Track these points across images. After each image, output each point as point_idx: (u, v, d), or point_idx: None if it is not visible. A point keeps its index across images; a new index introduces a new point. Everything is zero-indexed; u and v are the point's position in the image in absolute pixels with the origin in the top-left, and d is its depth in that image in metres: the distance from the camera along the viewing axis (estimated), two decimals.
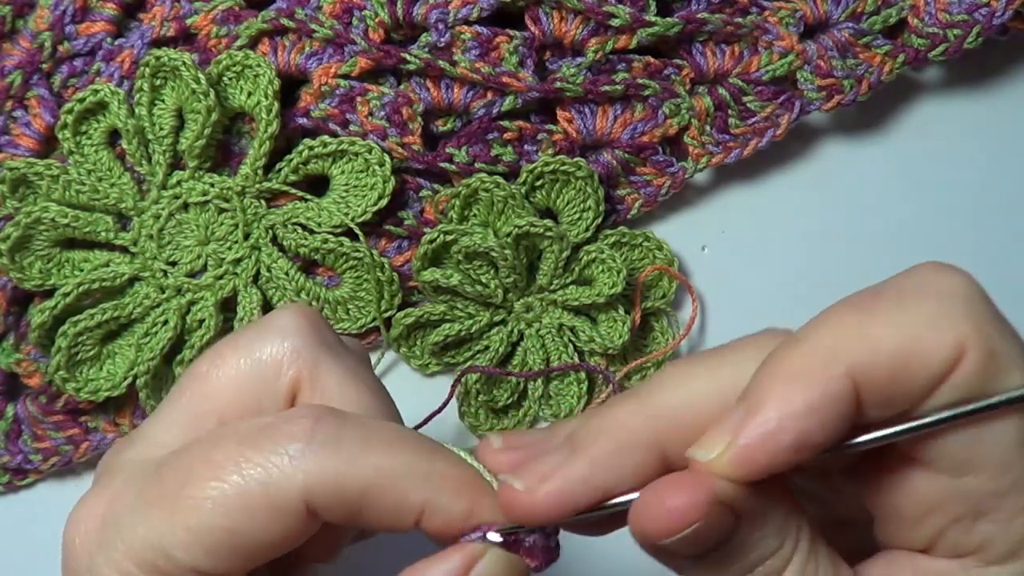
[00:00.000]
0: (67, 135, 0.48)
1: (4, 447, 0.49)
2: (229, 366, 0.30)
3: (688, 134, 0.49)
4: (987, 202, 0.52)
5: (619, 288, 0.47)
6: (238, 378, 0.30)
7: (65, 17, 0.49)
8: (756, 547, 0.27)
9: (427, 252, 0.47)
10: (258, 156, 0.48)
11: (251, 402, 0.30)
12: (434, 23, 0.48)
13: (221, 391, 0.30)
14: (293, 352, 0.30)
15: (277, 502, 0.27)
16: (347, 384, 0.30)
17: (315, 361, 0.30)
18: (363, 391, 0.30)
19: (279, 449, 0.27)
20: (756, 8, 0.49)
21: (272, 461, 0.27)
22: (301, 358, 0.30)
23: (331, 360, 0.30)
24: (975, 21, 0.48)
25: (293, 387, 0.30)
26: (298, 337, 0.30)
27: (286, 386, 0.30)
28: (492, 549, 0.28)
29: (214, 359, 0.30)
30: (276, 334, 0.30)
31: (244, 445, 0.27)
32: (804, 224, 0.52)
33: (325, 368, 0.30)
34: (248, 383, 0.30)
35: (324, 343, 0.31)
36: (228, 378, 0.30)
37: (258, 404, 0.30)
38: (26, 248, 0.48)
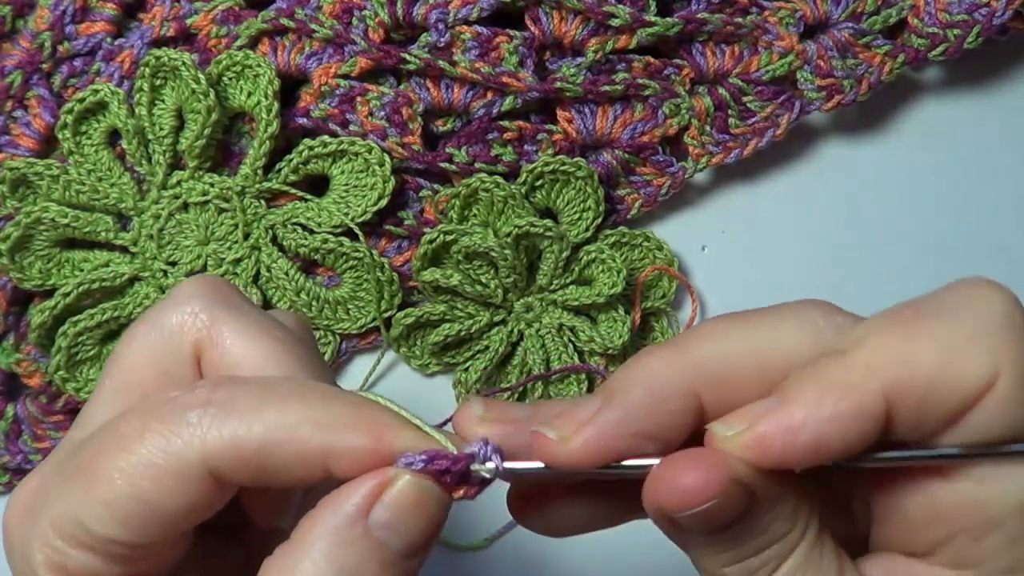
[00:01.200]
0: (67, 135, 0.48)
1: (4, 447, 0.49)
2: (138, 340, 0.31)
3: (688, 134, 0.49)
4: (987, 202, 0.52)
5: (619, 288, 0.47)
6: (149, 349, 0.31)
7: (65, 17, 0.49)
8: (766, 530, 0.27)
9: (427, 252, 0.47)
10: (258, 156, 0.48)
11: (162, 370, 0.31)
12: (434, 23, 0.48)
13: (136, 364, 0.31)
14: (191, 315, 0.31)
15: (180, 469, 0.27)
16: (249, 337, 0.30)
17: (213, 320, 0.31)
18: (267, 342, 0.31)
19: (179, 418, 0.27)
20: (756, 8, 0.49)
21: (172, 430, 0.27)
22: (199, 319, 0.31)
23: (230, 317, 0.31)
24: (975, 21, 0.48)
25: (196, 349, 0.31)
26: (196, 300, 0.31)
27: (189, 348, 0.31)
28: (404, 473, 0.27)
29: (127, 337, 0.31)
30: (175, 302, 0.31)
31: (148, 417, 0.28)
32: (804, 224, 0.52)
33: (224, 325, 0.31)
34: (157, 353, 0.31)
35: (224, 302, 0.31)
36: (139, 351, 0.31)
37: (169, 371, 0.31)
38: (26, 248, 0.48)
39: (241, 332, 0.31)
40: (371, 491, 0.27)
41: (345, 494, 0.27)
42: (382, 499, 0.27)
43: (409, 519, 0.27)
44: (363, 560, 0.27)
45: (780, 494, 0.27)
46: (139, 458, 0.27)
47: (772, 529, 0.27)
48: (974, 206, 0.52)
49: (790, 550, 0.27)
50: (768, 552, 0.27)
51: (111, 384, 0.31)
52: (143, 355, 0.31)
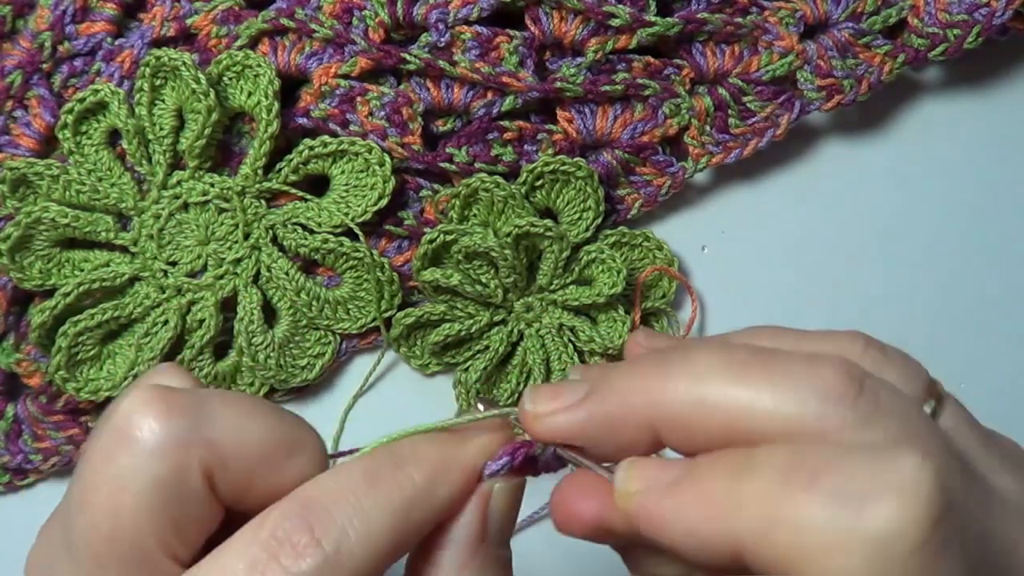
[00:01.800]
0: (67, 135, 0.48)
1: (4, 447, 0.49)
2: (130, 507, 0.26)
3: (688, 134, 0.49)
4: (987, 202, 0.52)
5: (619, 288, 0.47)
6: (152, 513, 0.26)
7: (65, 17, 0.49)
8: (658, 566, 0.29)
9: (427, 252, 0.47)
10: (258, 156, 0.48)
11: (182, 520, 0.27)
12: (434, 23, 0.48)
13: (147, 532, 0.26)
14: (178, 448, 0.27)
15: None
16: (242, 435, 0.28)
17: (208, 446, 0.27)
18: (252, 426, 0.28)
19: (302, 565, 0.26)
20: (756, 8, 0.49)
21: None
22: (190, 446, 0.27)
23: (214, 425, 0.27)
24: (975, 21, 0.48)
25: (205, 478, 0.27)
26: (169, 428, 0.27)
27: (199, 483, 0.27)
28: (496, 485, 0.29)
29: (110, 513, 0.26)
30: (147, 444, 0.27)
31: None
32: (804, 224, 0.52)
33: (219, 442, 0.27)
34: (166, 510, 0.27)
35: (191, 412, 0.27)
36: (139, 517, 0.26)
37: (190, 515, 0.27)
38: (26, 248, 0.48)
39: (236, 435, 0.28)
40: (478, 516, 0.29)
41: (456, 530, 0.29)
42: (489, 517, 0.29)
43: (509, 518, 0.30)
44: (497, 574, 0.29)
45: None
46: None
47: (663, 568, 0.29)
48: (974, 206, 0.52)
49: None
50: None
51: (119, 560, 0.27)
52: (151, 522, 0.26)
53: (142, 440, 0.26)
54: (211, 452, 0.27)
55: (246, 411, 0.28)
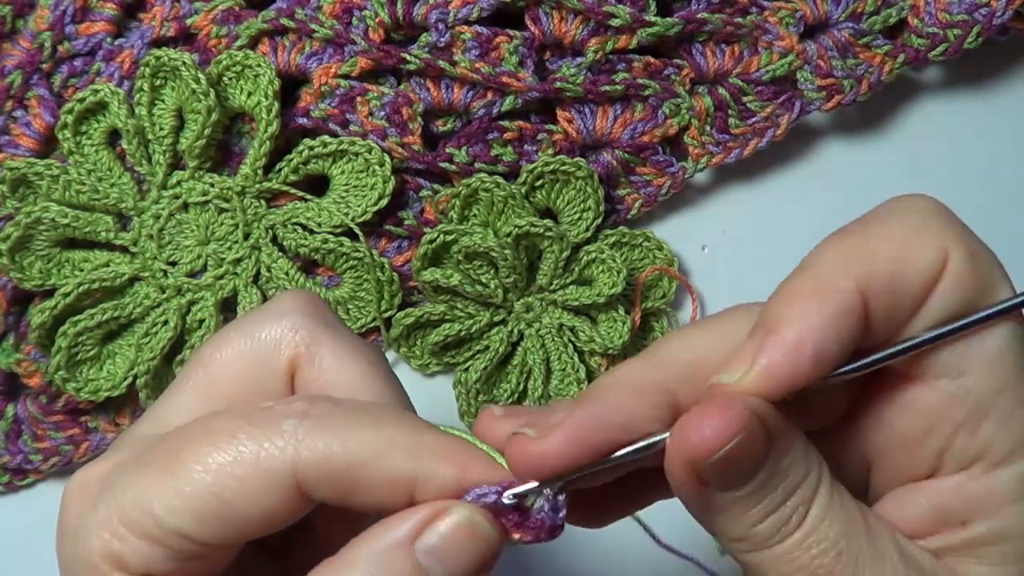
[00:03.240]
0: (67, 135, 0.48)
1: (4, 447, 0.49)
2: (232, 348, 0.31)
3: (688, 134, 0.49)
4: (987, 202, 0.52)
5: (619, 288, 0.47)
6: (241, 359, 0.31)
7: (65, 17, 0.49)
8: (787, 473, 0.28)
9: (427, 252, 0.47)
10: (258, 156, 0.48)
11: (255, 381, 0.31)
12: (434, 23, 0.48)
13: (226, 373, 0.31)
14: (291, 330, 0.31)
15: (268, 474, 0.27)
16: (345, 358, 0.31)
17: (312, 338, 0.31)
18: (361, 365, 0.31)
19: (274, 425, 0.28)
20: (756, 8, 0.49)
21: (266, 435, 0.27)
22: (299, 335, 0.31)
23: (328, 336, 0.31)
24: (975, 21, 0.48)
25: (292, 364, 0.31)
26: (296, 316, 0.31)
27: (285, 363, 0.31)
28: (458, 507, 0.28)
29: (218, 342, 0.31)
30: (275, 315, 0.31)
31: (242, 419, 0.28)
32: (804, 224, 0.52)
33: (323, 344, 0.31)
34: (250, 363, 0.31)
35: (322, 321, 0.31)
36: (231, 359, 0.31)
37: (261, 383, 0.31)
38: (26, 248, 0.48)
39: (338, 352, 0.31)
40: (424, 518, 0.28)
41: (398, 518, 0.28)
42: (433, 526, 0.28)
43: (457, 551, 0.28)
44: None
45: (791, 433, 0.28)
46: (228, 455, 0.27)
47: (792, 471, 0.28)
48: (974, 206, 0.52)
49: (812, 494, 0.28)
50: (795, 498, 0.28)
51: (195, 387, 0.31)
52: (236, 365, 0.31)
53: (273, 306, 0.32)
54: (309, 350, 0.31)
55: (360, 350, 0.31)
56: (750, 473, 0.27)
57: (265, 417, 0.28)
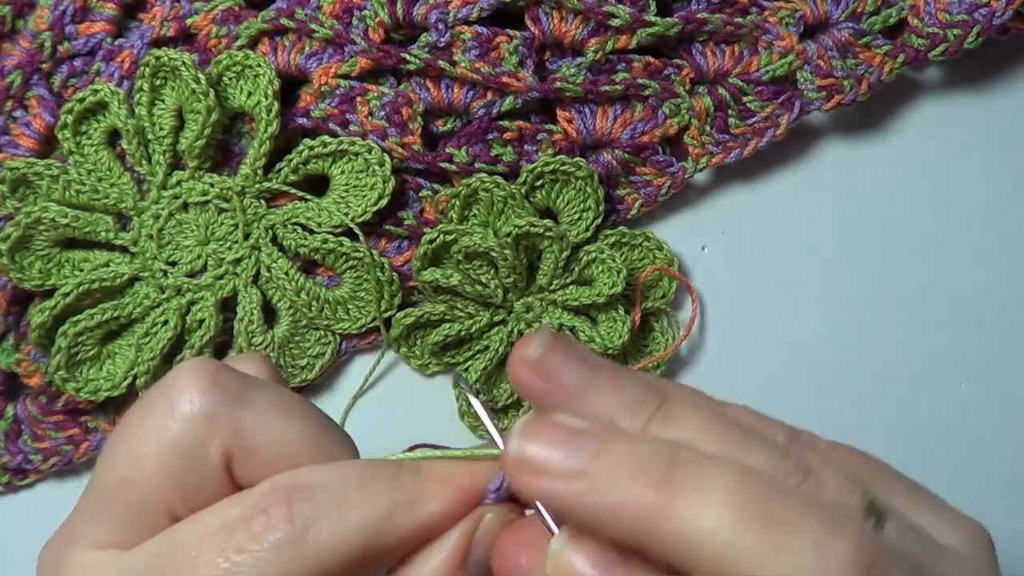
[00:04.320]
0: (67, 135, 0.48)
1: (4, 447, 0.49)
2: (149, 462, 0.28)
3: (688, 134, 0.49)
4: (987, 202, 0.52)
5: (619, 288, 0.47)
6: (166, 471, 0.28)
7: (65, 17, 0.49)
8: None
9: (427, 252, 0.47)
10: (258, 156, 0.48)
11: (192, 488, 0.28)
12: (434, 23, 0.48)
13: (155, 488, 0.28)
14: (209, 424, 0.28)
15: None
16: (273, 428, 0.29)
17: (234, 424, 0.28)
18: (288, 424, 0.29)
19: (263, 545, 0.26)
20: (756, 8, 0.49)
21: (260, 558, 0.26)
22: (220, 427, 0.28)
23: (248, 414, 0.29)
24: (975, 21, 0.48)
25: (224, 458, 0.29)
26: (206, 405, 0.28)
27: (218, 462, 0.28)
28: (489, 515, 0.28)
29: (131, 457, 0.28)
30: (183, 411, 0.28)
31: (226, 550, 0.26)
32: (804, 224, 0.52)
33: (247, 426, 0.28)
34: (179, 473, 0.28)
35: (234, 397, 0.29)
36: (156, 474, 0.28)
37: (200, 487, 0.28)
38: (26, 248, 0.48)
39: (267, 425, 0.29)
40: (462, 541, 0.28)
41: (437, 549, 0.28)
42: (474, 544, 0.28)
43: None
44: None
45: None
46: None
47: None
48: (974, 206, 0.52)
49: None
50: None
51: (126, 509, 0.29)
52: (163, 478, 0.28)
53: (177, 405, 0.28)
54: (237, 436, 0.28)
55: (285, 410, 0.29)
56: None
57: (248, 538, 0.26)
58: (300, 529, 0.26)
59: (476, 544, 0.28)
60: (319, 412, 0.31)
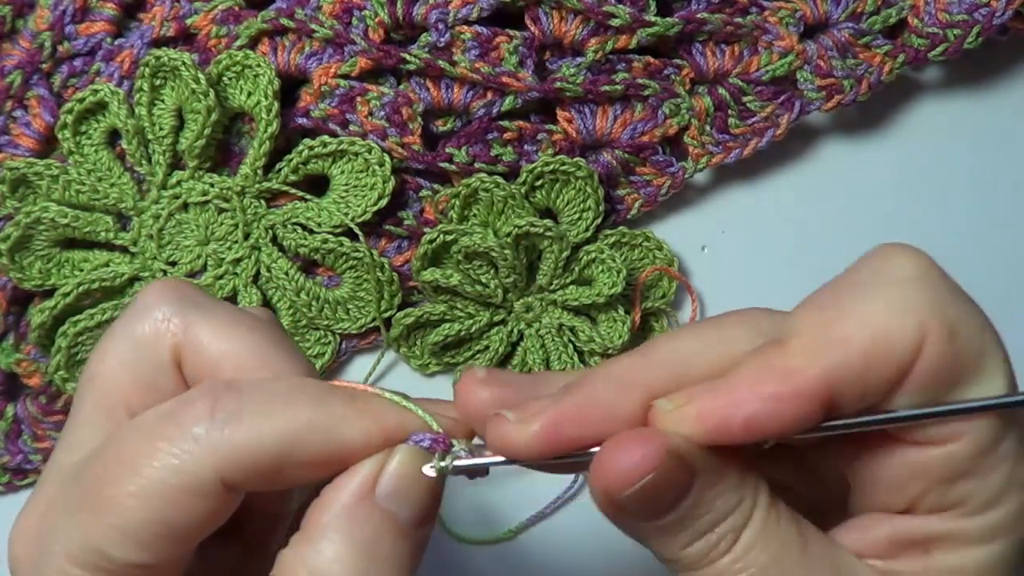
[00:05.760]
0: (67, 135, 0.48)
1: (4, 447, 0.50)
2: (112, 357, 0.31)
3: (688, 134, 0.49)
4: (987, 202, 0.52)
5: (619, 288, 0.47)
6: (124, 365, 0.31)
7: (65, 17, 0.49)
8: (715, 504, 0.28)
9: (427, 252, 0.47)
10: (258, 156, 0.48)
11: (144, 382, 0.31)
12: (434, 23, 0.48)
13: (116, 381, 0.31)
14: (163, 321, 0.31)
15: (194, 486, 0.27)
16: (223, 334, 0.31)
17: (185, 323, 0.31)
18: (241, 335, 0.31)
19: (185, 435, 0.27)
20: (756, 8, 0.49)
21: (181, 447, 0.27)
22: (172, 324, 0.31)
23: (201, 316, 0.31)
24: (975, 21, 0.48)
25: (175, 354, 0.31)
26: (164, 306, 0.31)
27: (168, 356, 0.31)
28: (400, 448, 0.29)
29: (99, 354, 0.31)
30: (142, 311, 0.31)
31: (152, 437, 0.28)
32: (804, 224, 0.52)
33: (197, 325, 0.31)
34: (134, 367, 0.31)
35: (191, 303, 0.31)
36: (115, 368, 0.31)
37: (151, 382, 0.31)
38: (26, 248, 0.48)
39: (216, 329, 0.31)
40: (374, 466, 0.28)
41: (350, 474, 0.28)
42: (385, 471, 0.28)
43: (413, 487, 0.28)
44: (378, 532, 0.28)
45: (721, 469, 0.28)
46: (151, 480, 0.27)
47: (721, 502, 0.28)
48: (974, 206, 0.52)
49: (744, 521, 0.28)
50: (723, 526, 0.28)
51: (92, 403, 0.31)
52: (121, 370, 0.31)
53: (139, 302, 0.31)
54: (187, 335, 0.30)
55: (241, 323, 0.31)
56: (670, 506, 0.27)
57: (173, 428, 0.28)
58: (218, 423, 0.27)
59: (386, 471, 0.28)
60: (284, 337, 0.32)
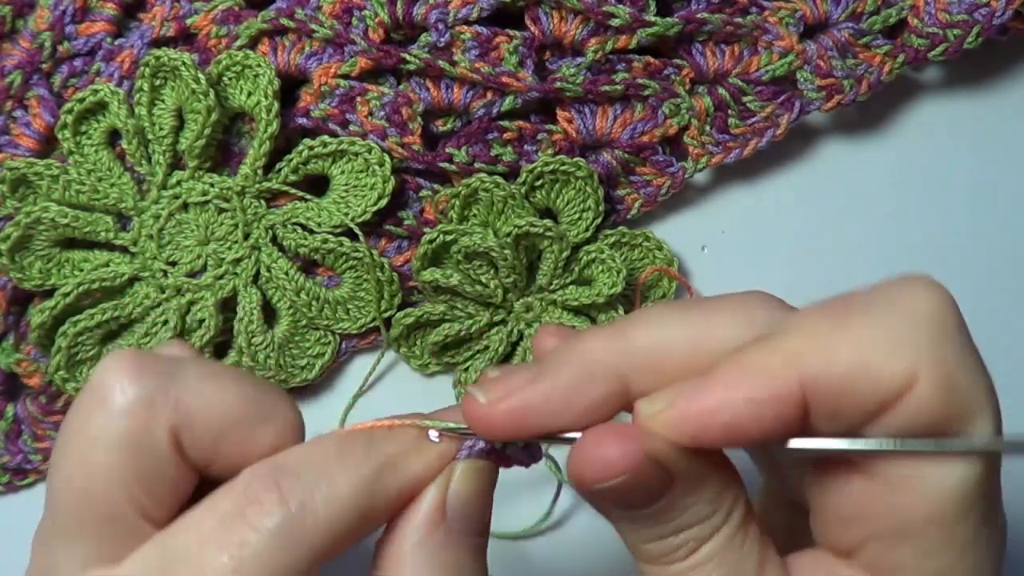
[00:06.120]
0: (67, 135, 0.48)
1: (4, 447, 0.50)
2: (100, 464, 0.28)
3: (688, 134, 0.49)
4: (987, 202, 0.52)
5: (619, 288, 0.47)
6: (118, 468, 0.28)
7: (65, 17, 0.49)
8: (686, 511, 0.28)
9: (427, 252, 0.47)
10: (258, 156, 0.48)
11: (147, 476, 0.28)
12: (434, 23, 0.48)
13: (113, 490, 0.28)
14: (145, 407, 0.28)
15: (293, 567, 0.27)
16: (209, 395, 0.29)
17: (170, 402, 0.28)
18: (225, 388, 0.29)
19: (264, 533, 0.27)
20: (756, 8, 0.49)
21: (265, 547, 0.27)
22: (157, 407, 0.28)
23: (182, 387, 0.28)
24: (975, 21, 0.48)
25: (172, 438, 0.28)
26: (137, 389, 0.28)
27: (165, 443, 0.28)
28: (461, 463, 0.29)
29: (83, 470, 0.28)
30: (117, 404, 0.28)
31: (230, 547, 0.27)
32: (804, 224, 0.52)
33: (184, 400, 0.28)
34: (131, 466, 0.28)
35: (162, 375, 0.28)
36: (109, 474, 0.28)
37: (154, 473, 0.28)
38: (26, 248, 0.48)
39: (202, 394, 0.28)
40: (438, 492, 0.29)
41: (416, 506, 0.29)
42: (450, 492, 0.29)
43: (474, 501, 0.29)
44: (458, 556, 0.28)
45: (703, 476, 0.27)
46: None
47: (692, 511, 0.28)
48: (974, 206, 0.52)
49: (711, 533, 0.28)
50: (688, 533, 0.28)
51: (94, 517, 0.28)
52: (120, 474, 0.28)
53: (113, 399, 0.28)
54: (178, 413, 0.28)
55: (216, 377, 0.29)
56: (641, 504, 0.27)
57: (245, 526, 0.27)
58: (296, 509, 0.27)
59: (452, 494, 0.29)
60: (251, 375, 0.31)
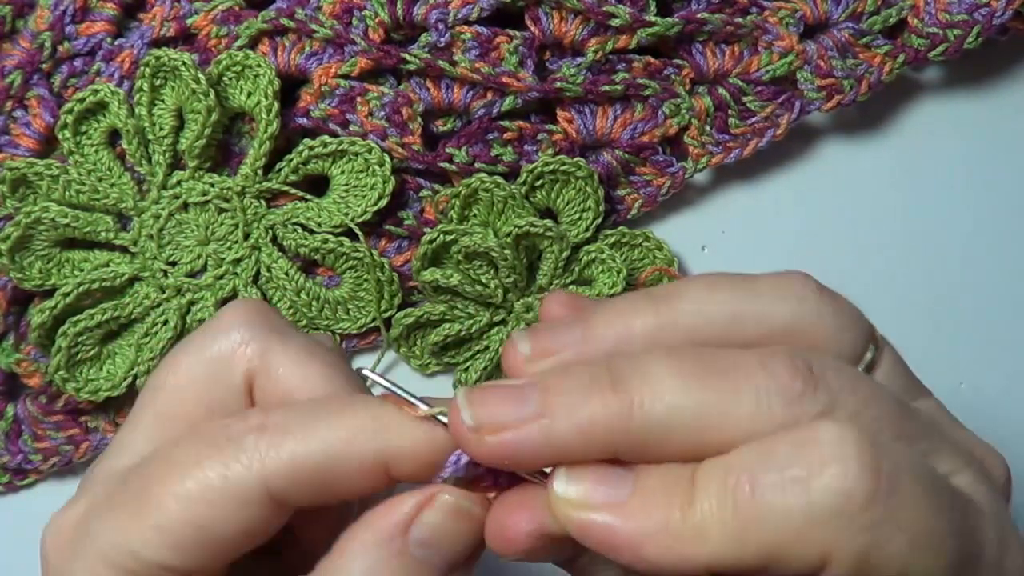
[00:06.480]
0: (67, 135, 0.48)
1: (4, 447, 0.49)
2: (184, 370, 0.31)
3: (688, 134, 0.49)
4: (987, 202, 0.52)
5: (619, 288, 0.47)
6: (195, 381, 0.31)
7: (65, 17, 0.49)
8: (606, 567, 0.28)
9: (427, 252, 0.47)
10: (258, 156, 0.48)
11: (212, 400, 0.31)
12: (434, 23, 0.48)
13: (183, 396, 0.31)
14: (241, 344, 0.31)
15: (239, 493, 0.27)
16: (299, 363, 0.31)
17: (263, 348, 0.31)
18: (317, 367, 0.31)
19: (235, 443, 0.28)
20: (756, 8, 0.49)
21: (230, 455, 0.27)
22: (250, 348, 0.31)
23: (279, 343, 0.31)
24: (975, 21, 0.48)
25: (248, 378, 0.31)
26: (244, 329, 0.31)
27: (240, 379, 0.31)
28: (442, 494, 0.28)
29: (170, 366, 0.31)
30: (223, 331, 0.31)
31: (202, 443, 0.28)
32: (804, 224, 0.52)
33: (275, 352, 0.31)
34: (205, 384, 0.31)
35: (271, 328, 0.31)
36: (185, 383, 0.31)
37: (219, 402, 0.31)
38: (26, 248, 0.48)
39: (292, 359, 0.31)
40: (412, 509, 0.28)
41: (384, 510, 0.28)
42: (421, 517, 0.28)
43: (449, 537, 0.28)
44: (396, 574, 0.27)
45: None
46: (196, 483, 0.27)
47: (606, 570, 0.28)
48: (974, 206, 0.52)
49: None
50: None
51: (154, 413, 0.31)
52: (191, 386, 0.31)
53: (219, 321, 0.31)
54: (262, 360, 0.30)
55: (314, 352, 0.31)
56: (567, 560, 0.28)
57: (224, 436, 0.28)
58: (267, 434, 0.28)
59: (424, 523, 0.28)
60: (349, 369, 0.32)
